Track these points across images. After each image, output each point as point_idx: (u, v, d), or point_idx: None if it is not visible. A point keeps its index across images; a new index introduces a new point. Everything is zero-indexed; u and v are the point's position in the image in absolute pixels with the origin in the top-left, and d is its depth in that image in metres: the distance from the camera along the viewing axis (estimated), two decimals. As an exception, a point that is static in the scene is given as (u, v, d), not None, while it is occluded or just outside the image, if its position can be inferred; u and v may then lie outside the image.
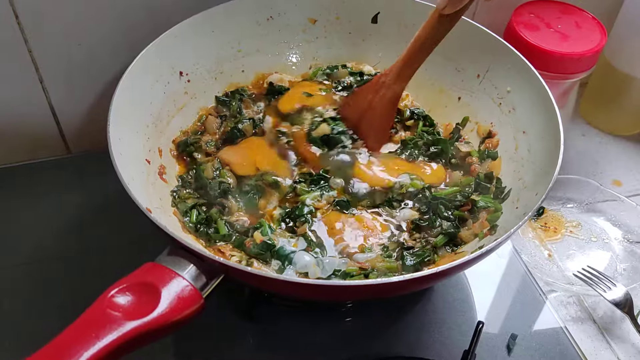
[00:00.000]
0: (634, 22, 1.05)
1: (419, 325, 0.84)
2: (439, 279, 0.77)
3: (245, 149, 0.90)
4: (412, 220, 0.82)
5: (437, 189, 0.87)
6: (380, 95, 0.84)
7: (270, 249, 0.76)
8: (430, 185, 0.86)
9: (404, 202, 0.84)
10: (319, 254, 0.78)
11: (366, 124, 0.87)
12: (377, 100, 0.84)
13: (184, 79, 0.92)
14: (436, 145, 0.91)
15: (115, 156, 0.70)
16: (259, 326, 0.82)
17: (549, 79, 0.96)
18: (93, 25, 0.91)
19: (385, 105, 0.84)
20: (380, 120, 0.86)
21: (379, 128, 0.87)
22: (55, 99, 0.97)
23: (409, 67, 0.81)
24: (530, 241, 0.97)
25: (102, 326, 0.53)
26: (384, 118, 0.86)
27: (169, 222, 0.75)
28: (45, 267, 0.88)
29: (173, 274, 0.61)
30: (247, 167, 0.86)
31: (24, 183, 1.00)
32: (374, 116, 0.85)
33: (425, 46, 0.78)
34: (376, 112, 0.85)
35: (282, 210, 0.83)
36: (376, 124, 0.86)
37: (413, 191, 0.85)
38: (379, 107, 0.84)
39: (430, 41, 0.78)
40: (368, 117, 0.86)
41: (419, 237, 0.81)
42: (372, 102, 0.84)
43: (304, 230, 0.80)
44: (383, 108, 0.84)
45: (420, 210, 0.84)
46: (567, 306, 0.90)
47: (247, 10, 0.95)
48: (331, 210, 0.83)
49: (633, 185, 1.08)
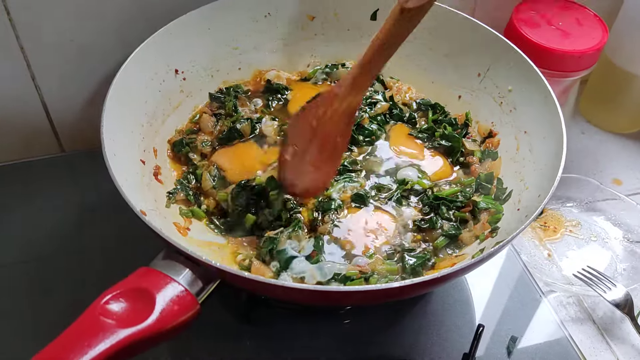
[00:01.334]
0: (635, 19, 1.03)
1: (417, 328, 0.83)
2: (440, 283, 0.76)
3: (241, 155, 0.88)
4: (414, 220, 0.82)
5: (439, 187, 0.86)
6: (333, 108, 0.70)
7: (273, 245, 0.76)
8: (435, 183, 0.86)
9: (409, 200, 0.84)
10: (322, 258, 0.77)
11: (316, 145, 0.73)
12: (330, 114, 0.71)
13: (179, 77, 0.90)
14: (448, 140, 0.90)
15: (109, 157, 0.69)
16: (257, 329, 0.81)
17: (550, 77, 0.95)
18: (86, 21, 0.90)
19: (338, 120, 0.71)
20: (334, 138, 0.72)
21: (332, 148, 0.73)
22: (48, 97, 0.96)
23: (366, 73, 0.69)
24: (530, 241, 0.97)
25: (95, 335, 0.52)
26: (338, 135, 0.72)
27: (164, 225, 0.74)
28: (37, 267, 0.87)
29: (168, 279, 0.60)
30: (242, 175, 0.85)
31: (17, 182, 0.98)
32: (325, 132, 0.72)
33: (384, 48, 0.66)
34: (328, 128, 0.71)
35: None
36: (328, 144, 0.73)
37: (419, 189, 0.85)
38: (332, 122, 0.71)
39: (391, 42, 0.65)
40: (319, 133, 0.72)
41: (420, 238, 0.80)
42: (325, 117, 0.71)
43: (325, 230, 0.79)
44: (335, 124, 0.71)
45: (422, 211, 0.83)
46: (567, 307, 0.89)
47: (243, 6, 0.93)
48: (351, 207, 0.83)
49: (633, 184, 1.07)
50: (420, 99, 0.98)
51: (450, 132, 0.91)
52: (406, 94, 0.98)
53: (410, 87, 0.99)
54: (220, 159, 0.87)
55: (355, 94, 0.70)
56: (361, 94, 0.71)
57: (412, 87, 0.99)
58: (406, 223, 0.82)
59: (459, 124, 0.94)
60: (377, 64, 0.68)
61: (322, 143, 0.73)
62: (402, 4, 0.62)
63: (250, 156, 0.88)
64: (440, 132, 0.91)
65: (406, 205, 0.84)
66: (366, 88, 0.72)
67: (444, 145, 0.91)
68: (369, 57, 0.68)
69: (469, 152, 0.90)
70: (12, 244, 0.90)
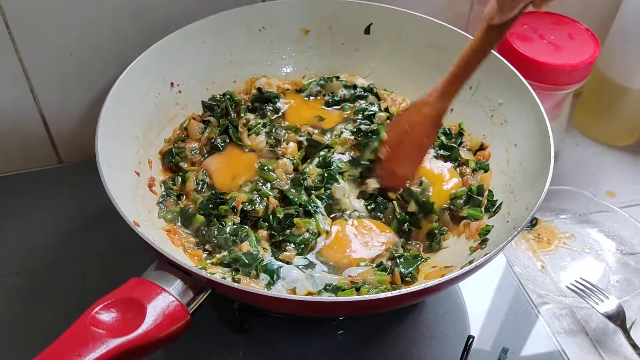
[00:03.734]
0: (627, 33, 1.05)
1: (409, 338, 0.83)
2: (430, 294, 0.77)
3: (230, 160, 0.89)
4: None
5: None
6: (423, 113, 0.80)
7: (255, 261, 0.76)
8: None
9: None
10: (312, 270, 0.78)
11: (406, 145, 0.84)
12: (421, 119, 0.81)
13: (175, 90, 0.91)
14: (447, 150, 0.91)
15: (103, 169, 0.70)
16: (250, 339, 0.82)
17: (543, 90, 0.97)
18: (85, 35, 0.91)
19: (427, 123, 0.81)
20: (420, 140, 0.83)
21: (419, 148, 0.84)
22: (46, 109, 0.97)
23: (455, 83, 0.77)
24: (524, 253, 0.97)
25: (85, 344, 0.53)
26: (425, 136, 0.83)
27: (157, 236, 0.75)
28: (32, 278, 0.87)
29: (159, 289, 0.61)
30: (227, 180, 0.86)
31: (15, 192, 0.99)
32: (414, 135, 0.83)
33: (471, 60, 0.74)
34: (417, 132, 0.82)
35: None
36: (416, 143, 0.83)
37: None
38: (420, 126, 0.81)
39: (478, 55, 0.74)
40: (409, 137, 0.83)
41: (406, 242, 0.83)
42: (414, 122, 0.81)
43: (290, 258, 0.79)
44: (424, 127, 0.81)
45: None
46: (560, 318, 0.89)
47: (239, 20, 0.95)
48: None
49: (627, 196, 1.08)
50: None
51: (447, 142, 0.91)
52: (401, 105, 0.99)
53: (404, 99, 1.00)
54: (209, 163, 0.88)
55: (444, 101, 0.79)
56: (449, 101, 0.79)
57: (406, 98, 1.00)
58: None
59: (453, 133, 0.94)
60: (466, 74, 0.76)
61: (412, 142, 0.83)
62: (488, 21, 0.69)
63: (239, 161, 0.89)
64: (439, 142, 0.92)
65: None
66: (454, 95, 0.79)
67: (443, 155, 0.91)
68: (458, 69, 0.76)
69: (464, 161, 0.91)
70: (7, 256, 0.90)
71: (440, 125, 0.84)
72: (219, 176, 0.87)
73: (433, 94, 0.79)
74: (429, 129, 0.81)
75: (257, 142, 0.91)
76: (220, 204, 0.82)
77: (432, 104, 0.79)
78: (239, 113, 0.95)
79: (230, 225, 0.80)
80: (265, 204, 0.83)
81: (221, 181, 0.86)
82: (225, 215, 0.82)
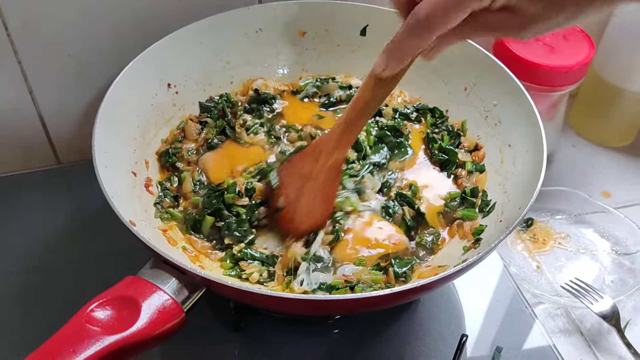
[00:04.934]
0: (622, 34, 1.05)
1: (404, 337, 0.83)
2: (422, 292, 0.77)
3: (226, 156, 0.89)
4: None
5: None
6: (320, 164, 0.77)
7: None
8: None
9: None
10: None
11: (308, 194, 0.80)
12: (318, 170, 0.78)
13: (172, 91, 0.92)
14: (445, 154, 0.91)
15: (100, 169, 0.71)
16: (246, 338, 0.82)
17: (538, 92, 0.97)
18: (84, 36, 0.92)
19: (328, 173, 0.78)
20: (324, 189, 0.80)
21: (324, 197, 0.81)
22: (44, 110, 0.97)
23: (349, 132, 0.75)
24: (519, 253, 0.97)
25: (80, 341, 0.54)
26: (328, 186, 0.80)
27: (153, 235, 0.76)
28: (30, 278, 0.88)
29: (154, 287, 0.61)
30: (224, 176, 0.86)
31: (14, 193, 1.00)
32: (316, 186, 0.79)
33: (364, 111, 0.72)
34: (319, 182, 0.79)
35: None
36: (320, 193, 0.80)
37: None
38: (321, 176, 0.78)
39: (370, 106, 0.71)
40: (309, 187, 0.80)
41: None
42: (313, 172, 0.78)
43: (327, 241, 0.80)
44: (326, 176, 0.78)
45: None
46: (555, 318, 0.90)
47: (236, 22, 0.95)
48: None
49: (622, 197, 1.08)
50: (417, 104, 0.99)
51: (447, 144, 0.92)
52: (398, 98, 1.00)
53: (402, 91, 1.00)
54: (205, 160, 0.89)
55: (340, 151, 0.76)
56: (345, 150, 0.77)
57: (403, 91, 1.01)
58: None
59: (455, 129, 0.94)
60: (360, 123, 0.74)
61: (314, 193, 0.80)
62: (377, 75, 0.65)
63: (236, 156, 0.90)
64: (438, 145, 0.92)
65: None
66: (350, 145, 0.78)
67: (440, 158, 0.91)
68: (350, 119, 0.73)
69: (461, 163, 0.91)
70: (6, 255, 0.91)
71: (341, 172, 0.82)
72: (215, 171, 0.87)
73: (329, 141, 0.76)
74: (332, 178, 0.79)
75: (257, 139, 0.92)
76: (222, 195, 0.82)
77: (330, 153, 0.76)
78: (236, 114, 0.95)
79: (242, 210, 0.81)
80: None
81: (217, 176, 0.86)
82: (233, 202, 0.82)
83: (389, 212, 0.84)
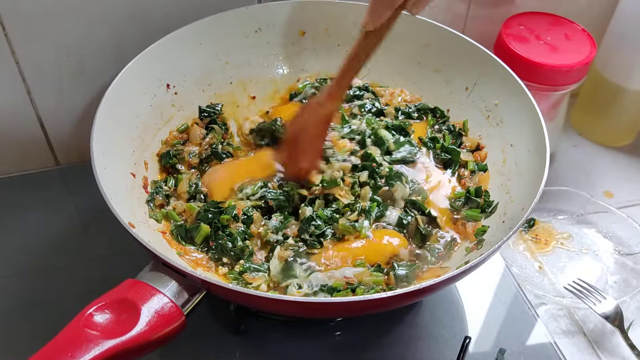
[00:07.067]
0: (624, 33, 1.05)
1: (407, 339, 0.83)
2: (424, 294, 0.76)
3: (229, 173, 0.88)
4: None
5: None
6: (318, 114, 0.85)
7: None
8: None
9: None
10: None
11: (303, 142, 0.87)
12: (315, 120, 0.86)
13: (171, 91, 0.91)
14: (448, 153, 0.90)
15: (98, 170, 0.70)
16: (247, 341, 0.82)
17: (539, 91, 0.97)
18: (82, 37, 0.91)
19: (320, 123, 0.86)
20: (314, 138, 0.87)
21: (313, 145, 0.88)
22: (43, 111, 0.97)
23: (341, 83, 0.83)
24: (521, 253, 0.97)
25: (79, 345, 0.53)
26: (318, 136, 0.88)
27: (153, 237, 0.75)
28: (29, 280, 0.87)
29: (154, 290, 0.61)
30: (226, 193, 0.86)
31: (12, 195, 0.99)
32: (308, 134, 0.87)
33: (354, 62, 0.81)
34: (311, 131, 0.86)
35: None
36: (310, 141, 0.87)
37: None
38: (314, 126, 0.86)
39: (359, 57, 0.80)
40: (305, 137, 0.87)
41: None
42: (310, 122, 0.86)
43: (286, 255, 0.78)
44: (318, 126, 0.86)
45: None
46: (558, 319, 0.89)
47: (235, 22, 0.95)
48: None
49: (624, 197, 1.07)
50: (418, 103, 0.98)
51: (449, 144, 0.91)
52: (399, 97, 0.99)
53: (403, 90, 1.00)
54: (209, 177, 0.88)
55: (334, 102, 0.85)
56: (338, 101, 0.86)
57: (404, 89, 1.00)
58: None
59: (457, 129, 0.94)
60: (349, 75, 0.83)
61: (309, 140, 0.87)
62: (364, 28, 0.77)
63: (239, 171, 0.88)
64: (440, 145, 0.91)
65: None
66: (341, 97, 0.87)
67: (443, 158, 0.91)
68: (343, 69, 0.82)
69: (463, 163, 0.90)
70: (4, 256, 0.90)
71: (329, 125, 0.89)
72: (218, 189, 0.86)
73: (322, 93, 0.86)
74: (321, 128, 0.87)
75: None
76: (220, 213, 0.80)
77: (324, 103, 0.84)
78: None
79: (238, 233, 0.79)
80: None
81: (220, 195, 0.85)
82: (228, 224, 0.80)
83: (402, 223, 0.82)
